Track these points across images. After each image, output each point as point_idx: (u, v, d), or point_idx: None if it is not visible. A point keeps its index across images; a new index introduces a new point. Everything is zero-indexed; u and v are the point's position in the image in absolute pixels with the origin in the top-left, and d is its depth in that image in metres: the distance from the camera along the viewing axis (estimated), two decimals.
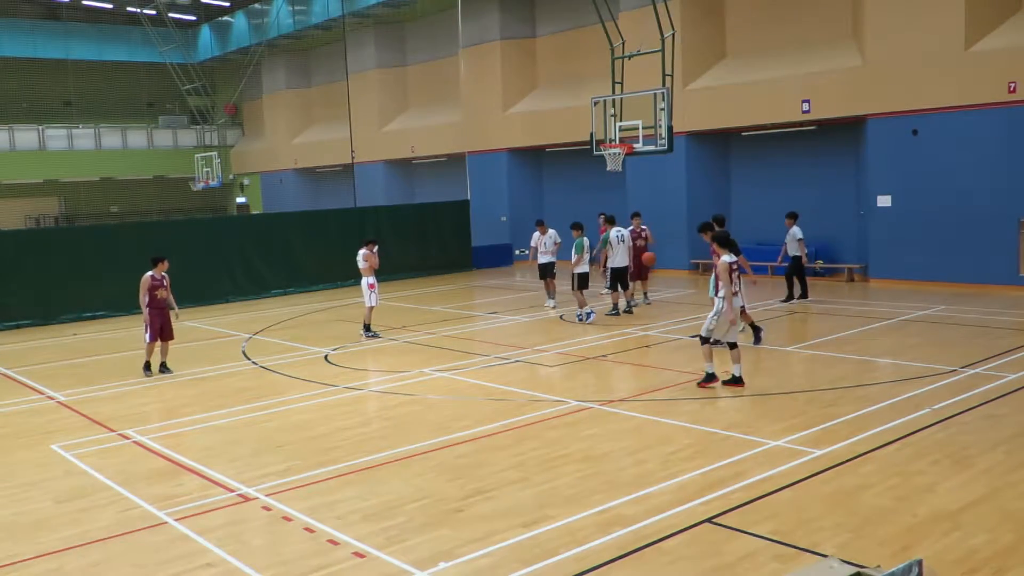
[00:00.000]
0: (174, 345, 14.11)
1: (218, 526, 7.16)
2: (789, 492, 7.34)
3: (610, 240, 16.79)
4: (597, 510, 7.10)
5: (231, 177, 45.06)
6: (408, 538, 6.72)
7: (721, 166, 24.66)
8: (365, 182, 34.61)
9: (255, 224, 27.44)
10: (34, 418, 11.34)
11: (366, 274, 15.91)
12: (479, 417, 10.31)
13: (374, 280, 15.95)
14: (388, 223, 26.29)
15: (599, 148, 18.65)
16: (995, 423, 9.11)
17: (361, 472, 8.37)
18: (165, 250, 21.89)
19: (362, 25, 34.98)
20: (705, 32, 23.77)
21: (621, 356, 13.52)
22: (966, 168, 18.62)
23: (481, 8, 29.29)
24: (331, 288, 24.49)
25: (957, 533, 6.38)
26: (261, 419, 10.79)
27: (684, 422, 9.70)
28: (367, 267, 15.90)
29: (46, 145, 40.28)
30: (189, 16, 42.20)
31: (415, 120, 34.55)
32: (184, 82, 41.14)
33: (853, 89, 20.32)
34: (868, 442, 8.55)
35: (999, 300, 17.19)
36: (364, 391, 11.90)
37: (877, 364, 12.31)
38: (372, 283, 15.89)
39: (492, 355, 14.01)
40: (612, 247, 16.79)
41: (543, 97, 28.88)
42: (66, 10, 41.38)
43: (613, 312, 17.11)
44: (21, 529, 7.28)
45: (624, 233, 17.07)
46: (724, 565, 6.02)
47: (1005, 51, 18.05)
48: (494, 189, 29.40)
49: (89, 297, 20.56)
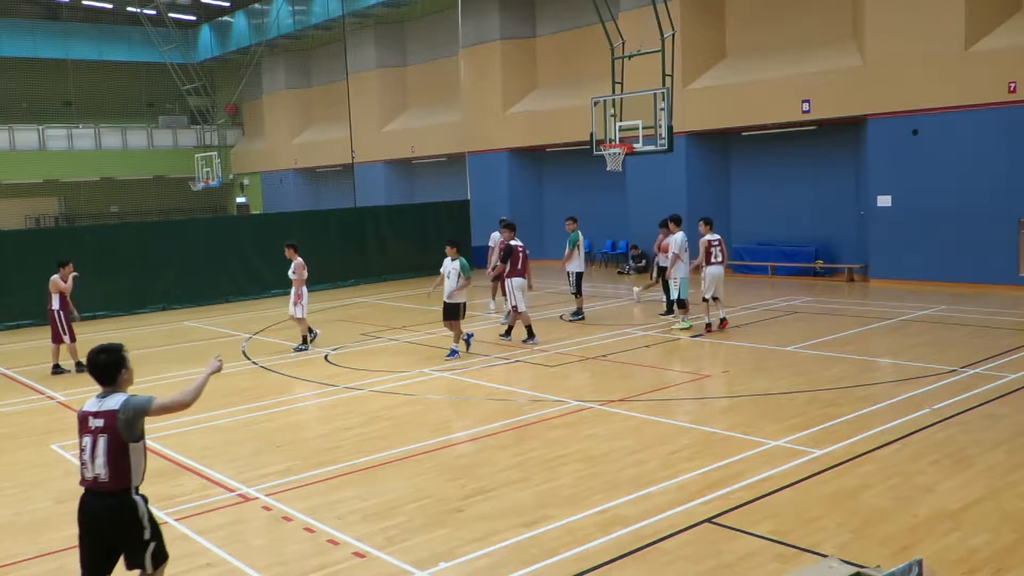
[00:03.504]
0: (174, 345, 14.11)
1: (218, 526, 7.16)
2: (789, 492, 7.34)
3: (578, 242, 16.75)
4: (597, 510, 7.10)
5: (231, 177, 45.07)
6: (408, 538, 6.72)
7: (721, 166, 24.65)
8: (365, 182, 34.62)
9: (255, 224, 27.44)
10: (34, 418, 11.34)
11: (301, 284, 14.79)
12: (479, 417, 10.31)
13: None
14: (388, 223, 26.30)
15: (599, 148, 18.64)
16: (995, 423, 9.11)
17: (361, 472, 8.37)
18: (165, 250, 22.21)
19: (362, 25, 34.98)
20: (705, 32, 23.77)
21: (621, 356, 13.52)
22: (966, 168, 18.62)
23: (481, 8, 29.29)
24: (331, 288, 24.48)
25: (957, 533, 6.38)
26: (261, 419, 10.80)
27: (684, 422, 9.70)
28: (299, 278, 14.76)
29: (46, 145, 40.28)
30: (189, 16, 42.21)
31: (415, 120, 34.55)
32: (184, 82, 41.14)
33: (853, 89, 20.31)
34: (868, 442, 8.55)
35: (999, 300, 17.19)
36: (364, 391, 11.89)
37: (877, 364, 12.31)
38: (300, 293, 14.80)
39: (492, 355, 14.01)
40: (579, 250, 16.76)
41: (543, 97, 28.87)
42: (66, 10, 41.39)
43: (578, 316, 16.86)
44: (21, 529, 7.28)
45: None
46: (724, 565, 6.02)
47: (1005, 51, 18.05)
48: (494, 189, 29.38)
49: (89, 297, 20.50)
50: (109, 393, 5.11)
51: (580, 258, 16.83)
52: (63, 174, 40.67)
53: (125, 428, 4.99)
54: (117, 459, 4.98)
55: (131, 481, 5.06)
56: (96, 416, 5.03)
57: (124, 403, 5.03)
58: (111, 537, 5.08)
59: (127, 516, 5.05)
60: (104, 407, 5.04)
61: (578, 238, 16.82)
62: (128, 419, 5.01)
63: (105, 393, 5.12)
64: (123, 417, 5.00)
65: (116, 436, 4.98)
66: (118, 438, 4.98)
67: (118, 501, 5.03)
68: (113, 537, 5.08)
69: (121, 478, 5.01)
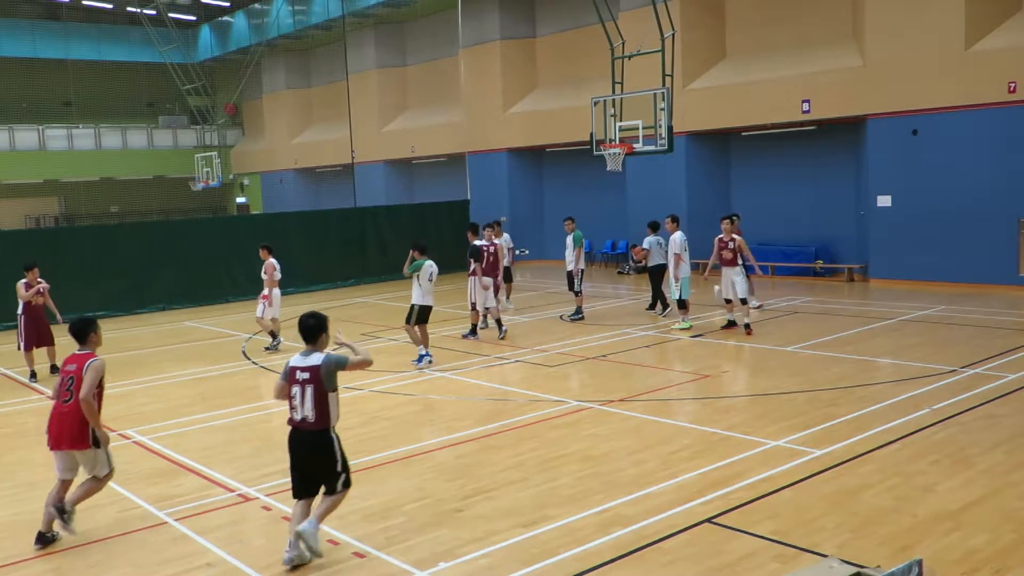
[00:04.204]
0: (174, 345, 14.10)
1: (218, 526, 7.16)
2: (789, 492, 7.34)
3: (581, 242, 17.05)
4: (597, 510, 7.10)
5: (231, 177, 45.06)
6: (408, 538, 6.72)
7: (721, 166, 24.65)
8: (365, 182, 34.61)
9: (255, 224, 27.44)
10: (34, 418, 11.33)
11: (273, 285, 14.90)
12: (479, 417, 10.31)
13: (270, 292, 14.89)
14: (388, 223, 26.30)
15: (599, 148, 18.64)
16: (995, 423, 9.11)
17: (361, 472, 8.36)
18: (165, 250, 22.22)
19: (362, 25, 34.97)
20: (705, 32, 23.77)
21: (621, 356, 13.52)
22: (966, 168, 18.62)
23: (481, 8, 29.28)
24: (331, 288, 24.49)
25: (957, 533, 6.38)
26: (261, 419, 10.80)
27: (684, 422, 9.70)
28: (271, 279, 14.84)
29: (46, 145, 40.28)
30: (189, 16, 42.19)
31: (415, 120, 34.54)
32: (184, 82, 41.13)
33: (853, 89, 20.32)
34: (868, 442, 8.55)
35: (999, 300, 17.19)
36: (364, 391, 11.89)
37: (877, 364, 12.31)
38: (266, 294, 14.87)
39: (492, 355, 14.01)
40: (582, 248, 17.04)
41: (543, 97, 28.87)
42: (66, 10, 41.37)
43: (578, 316, 16.98)
44: (21, 529, 7.27)
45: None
46: (724, 565, 6.02)
47: (1005, 51, 18.05)
48: (494, 189, 29.39)
49: (89, 297, 20.54)
50: (311, 352, 6.40)
51: (583, 257, 17.07)
52: (63, 174, 40.67)
53: (326, 379, 6.28)
54: (320, 404, 6.27)
55: (330, 422, 6.34)
56: (302, 371, 6.31)
57: (325, 360, 6.33)
58: (311, 464, 6.35)
59: (325, 449, 6.34)
60: (308, 363, 6.34)
61: (580, 236, 17.08)
62: (328, 372, 6.29)
63: (308, 352, 6.40)
64: (324, 371, 6.27)
65: (319, 386, 6.27)
66: (321, 388, 6.27)
67: (319, 437, 6.32)
68: (313, 465, 6.36)
69: (322, 420, 6.30)
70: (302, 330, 6.45)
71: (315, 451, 6.33)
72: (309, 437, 6.32)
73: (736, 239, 14.91)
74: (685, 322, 15.34)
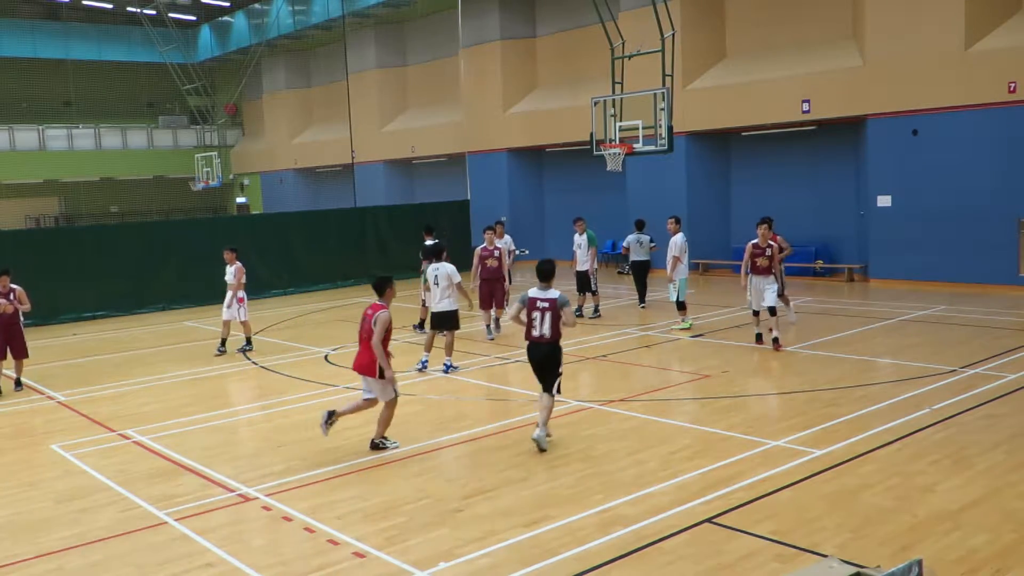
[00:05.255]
0: (174, 345, 14.09)
1: (218, 526, 7.16)
2: (789, 492, 7.34)
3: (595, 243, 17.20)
4: (597, 510, 7.10)
5: (231, 177, 45.07)
6: (408, 538, 6.72)
7: (721, 166, 24.66)
8: (365, 182, 34.60)
9: (255, 224, 27.44)
10: (34, 418, 11.34)
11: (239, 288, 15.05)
12: (479, 417, 10.31)
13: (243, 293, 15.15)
14: (388, 223, 26.29)
15: (599, 148, 18.64)
16: (995, 423, 9.11)
17: (361, 472, 8.37)
18: (165, 250, 22.19)
19: (362, 25, 34.97)
20: (705, 32, 23.77)
21: (621, 356, 13.52)
22: (966, 168, 18.62)
23: (481, 8, 29.29)
24: (331, 288, 24.48)
25: (957, 533, 6.38)
26: (261, 419, 10.80)
27: (684, 422, 9.71)
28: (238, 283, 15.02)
29: (46, 145, 40.28)
30: (189, 16, 42.19)
31: (415, 120, 34.55)
32: (184, 82, 41.13)
33: (853, 89, 20.32)
34: (868, 442, 8.55)
35: (999, 300, 17.18)
36: None
37: (877, 364, 12.31)
38: (241, 297, 15.10)
39: (492, 355, 14.01)
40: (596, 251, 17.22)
41: (543, 97, 28.88)
42: (66, 10, 41.38)
43: (596, 314, 17.16)
44: (21, 529, 7.27)
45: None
46: (724, 565, 6.02)
47: (1005, 51, 18.05)
48: (494, 189, 29.39)
49: (89, 297, 20.55)
50: (546, 288, 8.87)
51: (596, 257, 17.26)
52: (63, 174, 40.68)
53: (561, 307, 8.73)
54: (555, 325, 8.77)
55: (559, 337, 8.86)
56: (542, 301, 8.80)
57: (560, 296, 8.80)
58: (545, 366, 8.90)
59: (555, 357, 8.90)
60: (547, 296, 8.82)
61: (594, 237, 17.20)
62: (562, 304, 8.75)
63: (543, 288, 8.87)
64: (560, 303, 8.74)
65: (555, 313, 8.75)
66: (556, 313, 8.74)
67: (551, 348, 8.87)
68: (546, 366, 8.88)
69: (555, 336, 8.83)
70: (540, 271, 8.88)
71: (549, 356, 8.84)
72: (546, 348, 8.82)
73: (774, 245, 13.65)
74: (685, 322, 15.35)
